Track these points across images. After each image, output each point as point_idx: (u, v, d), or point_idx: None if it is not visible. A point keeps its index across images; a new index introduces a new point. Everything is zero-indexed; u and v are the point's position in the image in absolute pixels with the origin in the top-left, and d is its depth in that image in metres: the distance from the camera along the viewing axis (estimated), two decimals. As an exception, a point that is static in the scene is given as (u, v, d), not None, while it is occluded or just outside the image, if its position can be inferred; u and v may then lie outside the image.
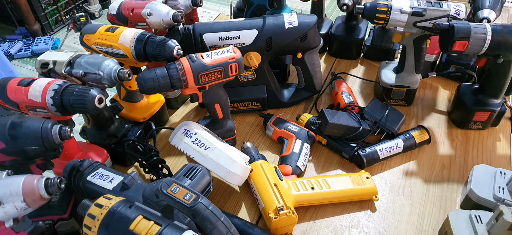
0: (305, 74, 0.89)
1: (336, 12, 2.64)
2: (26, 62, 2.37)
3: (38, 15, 2.48)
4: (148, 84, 0.67)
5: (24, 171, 0.56)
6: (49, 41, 2.45)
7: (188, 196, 0.49)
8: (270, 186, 0.66)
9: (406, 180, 0.76)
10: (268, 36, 0.80)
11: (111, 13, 0.85)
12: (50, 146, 0.54)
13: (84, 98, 0.59)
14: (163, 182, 0.51)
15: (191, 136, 0.70)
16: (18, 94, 0.61)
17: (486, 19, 0.79)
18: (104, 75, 0.65)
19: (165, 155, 0.82)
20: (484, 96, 0.83)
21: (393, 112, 0.82)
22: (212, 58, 0.69)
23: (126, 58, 0.72)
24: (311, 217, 0.69)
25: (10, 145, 0.53)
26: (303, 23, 0.81)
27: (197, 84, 0.70)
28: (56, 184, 0.47)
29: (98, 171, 0.63)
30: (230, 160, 0.66)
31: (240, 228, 0.63)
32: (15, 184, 0.46)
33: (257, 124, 0.90)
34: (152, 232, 0.45)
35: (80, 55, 0.68)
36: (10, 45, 2.42)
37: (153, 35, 0.71)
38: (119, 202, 0.49)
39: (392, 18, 0.78)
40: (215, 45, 0.80)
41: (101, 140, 0.75)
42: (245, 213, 0.70)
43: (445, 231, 0.62)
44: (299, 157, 0.75)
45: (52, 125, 0.54)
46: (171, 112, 0.94)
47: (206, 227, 0.49)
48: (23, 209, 0.46)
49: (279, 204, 0.63)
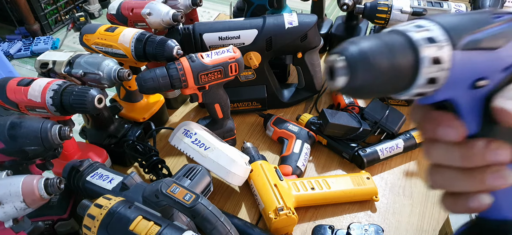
0: (305, 74, 0.89)
1: (336, 12, 2.63)
2: (26, 62, 2.37)
3: (37, 15, 2.48)
4: (147, 84, 0.67)
5: (23, 171, 0.56)
6: (49, 41, 2.45)
7: (188, 196, 0.49)
8: (270, 187, 0.66)
9: (407, 180, 0.76)
10: (268, 36, 0.80)
11: (111, 13, 0.85)
12: (49, 146, 0.54)
13: (83, 98, 0.59)
14: (163, 182, 0.51)
15: (191, 136, 0.69)
16: (18, 94, 0.61)
17: (487, 19, 0.79)
18: (104, 75, 0.65)
19: (165, 155, 0.82)
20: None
21: (393, 112, 0.82)
22: (212, 58, 0.69)
23: (126, 58, 0.72)
24: (311, 217, 0.69)
25: (9, 145, 0.53)
26: (303, 23, 0.80)
27: (197, 84, 0.70)
28: (56, 184, 0.47)
29: (98, 171, 0.63)
30: (230, 160, 0.66)
31: (240, 229, 0.62)
32: (14, 184, 0.46)
33: (257, 124, 0.90)
34: (152, 232, 0.45)
35: (79, 55, 0.68)
36: (9, 45, 2.42)
37: (152, 35, 0.71)
38: (119, 203, 0.49)
39: (393, 18, 0.78)
40: (215, 45, 0.80)
41: (101, 140, 0.75)
42: (245, 214, 0.70)
43: (445, 231, 0.62)
44: (299, 157, 0.75)
45: (52, 125, 0.54)
46: (171, 112, 0.94)
47: (206, 227, 0.49)
48: (23, 209, 0.46)
49: (279, 205, 0.63)
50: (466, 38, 0.23)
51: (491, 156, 0.25)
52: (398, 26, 0.24)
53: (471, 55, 0.23)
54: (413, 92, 0.24)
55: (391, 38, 0.23)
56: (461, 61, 0.23)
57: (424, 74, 0.23)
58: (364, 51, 0.22)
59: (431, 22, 0.23)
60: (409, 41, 0.23)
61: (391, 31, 0.24)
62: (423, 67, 0.22)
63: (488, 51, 0.24)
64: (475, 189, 0.26)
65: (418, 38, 0.23)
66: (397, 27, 0.24)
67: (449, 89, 0.24)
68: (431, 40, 0.23)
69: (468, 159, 0.25)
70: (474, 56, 0.23)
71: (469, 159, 0.25)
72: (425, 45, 0.22)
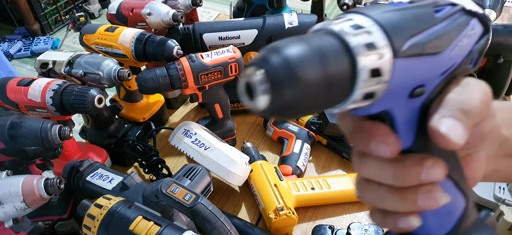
0: (305, 74, 0.89)
1: (336, 12, 2.63)
2: (26, 62, 2.37)
3: (37, 15, 2.48)
4: (147, 84, 0.67)
5: (23, 171, 0.56)
6: (49, 41, 2.45)
7: (188, 196, 0.49)
8: (270, 187, 0.66)
9: (406, 180, 0.76)
10: (268, 36, 0.80)
11: (111, 13, 0.85)
12: (49, 146, 0.54)
13: (83, 98, 0.59)
14: (163, 182, 0.51)
15: (191, 136, 0.69)
16: (18, 94, 0.61)
17: (487, 19, 0.79)
18: (104, 75, 0.65)
19: (165, 155, 0.82)
20: (484, 96, 0.83)
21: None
22: (212, 58, 0.69)
23: (126, 58, 0.72)
24: (311, 217, 0.69)
25: (9, 145, 0.53)
26: (303, 23, 0.80)
27: (197, 84, 0.70)
28: (56, 184, 0.47)
29: (98, 171, 0.63)
30: (230, 160, 0.66)
31: (240, 229, 0.62)
32: (14, 185, 0.46)
33: (257, 124, 0.90)
34: (152, 232, 0.45)
35: (79, 55, 0.68)
36: (9, 45, 2.42)
37: (152, 35, 0.71)
38: (119, 203, 0.49)
39: (392, 18, 0.78)
40: (215, 45, 0.80)
41: (101, 140, 0.75)
42: (245, 214, 0.70)
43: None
44: (299, 157, 0.75)
45: (52, 125, 0.54)
46: (171, 112, 0.94)
47: (206, 227, 0.49)
48: (23, 210, 0.46)
49: (279, 205, 0.63)
50: (408, 42, 0.20)
51: (424, 175, 0.22)
52: (331, 24, 0.19)
53: (413, 62, 0.20)
54: (346, 107, 0.20)
55: (323, 41, 0.18)
56: (402, 71, 0.20)
57: (360, 89, 0.19)
58: (290, 60, 0.17)
59: (370, 20, 0.19)
60: (345, 47, 0.18)
61: (323, 31, 0.19)
62: (360, 81, 0.18)
63: (431, 56, 0.21)
64: (405, 210, 0.24)
65: (356, 44, 0.18)
66: (330, 25, 0.19)
67: (386, 101, 0.21)
68: (371, 47, 0.18)
69: (400, 179, 0.23)
70: (416, 63, 0.20)
71: (401, 179, 0.23)
72: (364, 53, 0.18)
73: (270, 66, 0.17)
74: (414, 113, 0.23)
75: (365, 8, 0.20)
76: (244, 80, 0.18)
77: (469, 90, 0.23)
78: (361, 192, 0.26)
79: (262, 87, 0.17)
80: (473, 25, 0.23)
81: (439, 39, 0.21)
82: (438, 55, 0.21)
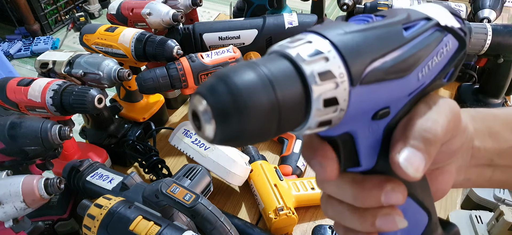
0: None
1: (336, 12, 2.63)
2: (26, 62, 2.37)
3: (37, 15, 2.48)
4: (147, 84, 0.67)
5: (23, 171, 0.56)
6: (49, 41, 2.45)
7: (188, 196, 0.49)
8: (270, 187, 0.66)
9: (406, 180, 0.76)
10: (268, 36, 0.80)
11: (111, 13, 0.85)
12: (49, 146, 0.54)
13: (83, 98, 0.59)
14: (163, 182, 0.51)
15: (191, 136, 0.69)
16: (18, 94, 0.61)
17: (487, 19, 0.79)
18: (104, 75, 0.65)
19: (165, 155, 0.82)
20: (484, 96, 0.83)
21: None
22: (212, 58, 0.69)
23: (126, 58, 0.72)
24: (311, 217, 0.69)
25: (9, 145, 0.53)
26: (303, 23, 0.80)
27: (197, 84, 0.70)
28: (56, 184, 0.47)
29: (98, 171, 0.63)
30: (230, 160, 0.66)
31: (240, 229, 0.62)
32: (14, 185, 0.46)
33: (257, 124, 0.90)
34: (152, 232, 0.45)
35: (79, 55, 0.68)
36: (9, 45, 2.42)
37: (152, 35, 0.71)
38: (119, 203, 0.49)
39: (392, 18, 0.78)
40: (215, 45, 0.80)
41: (101, 140, 0.75)
42: (245, 214, 0.70)
43: (445, 232, 0.61)
44: (299, 157, 0.75)
45: (52, 125, 0.54)
46: (171, 112, 0.94)
47: (206, 227, 0.49)
48: (23, 209, 0.46)
49: (279, 205, 0.63)
50: (368, 68, 0.19)
51: (384, 199, 0.22)
52: (288, 47, 0.19)
53: (375, 87, 0.19)
54: (302, 133, 0.20)
55: (276, 66, 0.18)
56: (361, 97, 0.19)
57: (315, 117, 0.18)
58: (236, 90, 0.16)
59: (329, 44, 0.18)
60: (299, 74, 0.18)
61: (279, 54, 0.19)
62: (314, 109, 0.18)
63: (395, 80, 0.20)
64: (364, 230, 0.24)
65: (311, 71, 0.18)
66: (287, 49, 0.18)
67: (346, 125, 0.20)
68: (327, 75, 0.18)
69: (360, 200, 0.23)
70: (377, 88, 0.19)
71: (361, 200, 0.23)
72: (319, 82, 0.18)
73: (215, 96, 0.17)
74: (378, 134, 0.22)
75: (328, 26, 0.20)
76: (190, 109, 0.18)
77: (435, 113, 0.22)
78: (324, 207, 0.26)
79: (206, 117, 0.17)
80: (446, 42, 0.22)
81: (404, 62, 0.20)
82: (404, 78, 0.20)
